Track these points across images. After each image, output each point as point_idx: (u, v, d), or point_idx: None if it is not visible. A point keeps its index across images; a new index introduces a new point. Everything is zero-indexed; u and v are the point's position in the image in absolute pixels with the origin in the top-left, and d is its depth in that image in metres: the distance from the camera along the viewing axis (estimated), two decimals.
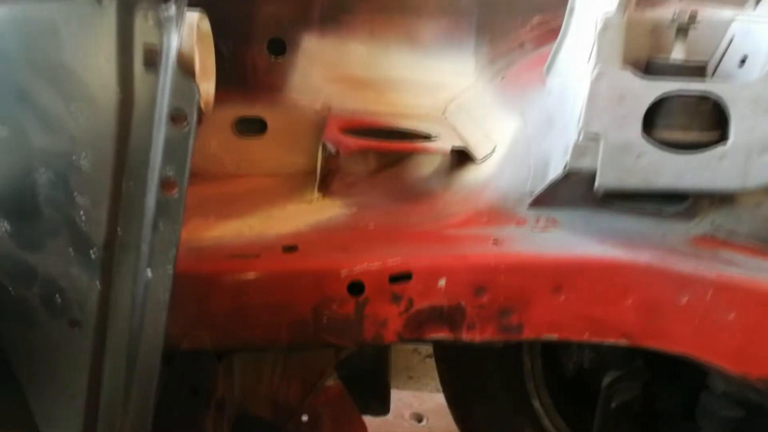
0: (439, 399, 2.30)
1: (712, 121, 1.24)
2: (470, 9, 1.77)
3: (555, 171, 1.32)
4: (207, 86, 1.20)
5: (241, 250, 1.34)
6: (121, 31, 0.89)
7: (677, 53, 1.25)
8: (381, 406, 1.77)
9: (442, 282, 1.27)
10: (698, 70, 1.26)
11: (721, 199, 1.35)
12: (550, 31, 1.73)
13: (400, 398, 2.73)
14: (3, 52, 0.91)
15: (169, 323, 1.01)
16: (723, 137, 1.23)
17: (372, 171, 1.78)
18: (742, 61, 1.27)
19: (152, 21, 0.91)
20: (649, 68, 1.28)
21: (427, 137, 1.72)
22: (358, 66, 1.83)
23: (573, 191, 1.34)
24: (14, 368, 1.04)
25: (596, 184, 1.25)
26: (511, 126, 1.55)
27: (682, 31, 1.24)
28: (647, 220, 1.38)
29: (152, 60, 0.92)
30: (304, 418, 1.49)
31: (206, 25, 1.19)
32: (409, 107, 1.83)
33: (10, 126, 0.92)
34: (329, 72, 1.83)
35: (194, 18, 1.07)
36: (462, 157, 1.60)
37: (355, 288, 1.26)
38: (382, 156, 1.74)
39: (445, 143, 1.59)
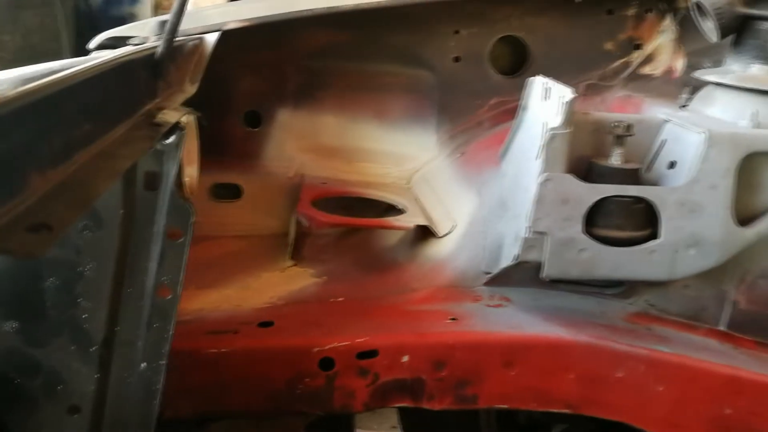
0: None
1: (644, 220, 1.40)
2: (433, 89, 1.93)
3: (507, 258, 1.47)
4: (191, 170, 1.32)
5: (219, 325, 1.45)
6: None
7: (615, 159, 1.41)
8: None
9: (405, 358, 1.40)
10: (633, 173, 1.43)
11: (655, 282, 1.51)
12: (506, 111, 1.90)
13: None
14: None
15: None
16: (654, 235, 1.40)
17: (341, 235, 1.92)
18: (672, 165, 1.44)
19: (154, 151, 1.02)
20: (591, 169, 1.44)
21: (392, 207, 1.86)
22: (329, 137, 1.97)
23: (523, 275, 1.49)
24: None
25: (543, 273, 1.41)
26: (469, 205, 1.70)
27: (619, 138, 1.41)
28: (589, 299, 1.54)
29: (152, 184, 1.03)
30: None
31: (191, 119, 1.31)
32: (377, 176, 1.97)
33: None
34: (302, 142, 1.96)
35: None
36: (425, 230, 1.74)
37: (326, 363, 1.39)
38: None
39: (409, 219, 1.73)
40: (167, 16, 1.20)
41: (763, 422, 1.43)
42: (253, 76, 1.88)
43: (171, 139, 1.04)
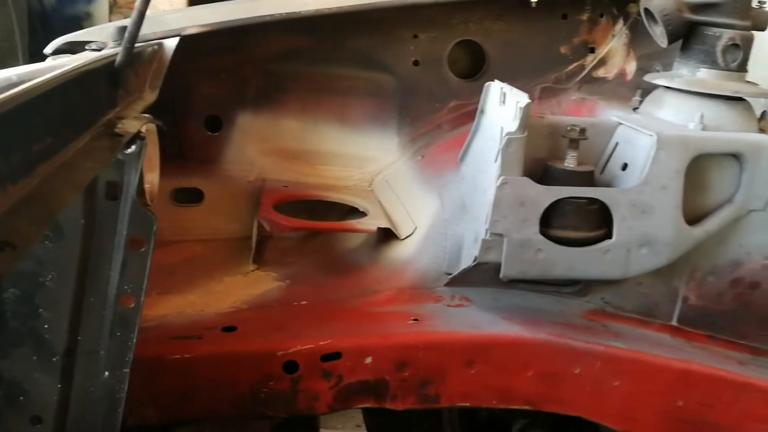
0: None
1: (598, 220, 1.44)
2: (393, 92, 1.95)
3: (467, 260, 1.50)
4: (151, 177, 1.32)
5: (183, 331, 1.45)
6: None
7: (569, 161, 1.45)
8: None
9: (368, 360, 1.42)
10: (587, 175, 1.47)
11: (609, 280, 1.56)
12: (465, 114, 1.93)
13: None
14: None
15: None
16: (608, 235, 1.45)
17: (303, 238, 1.93)
18: (624, 166, 1.49)
19: (115, 161, 1.03)
20: (546, 172, 1.48)
21: (354, 210, 1.88)
22: (291, 140, 1.98)
23: (482, 275, 1.52)
24: None
25: (501, 274, 1.44)
26: (430, 207, 1.72)
27: (574, 142, 1.45)
28: (547, 297, 1.58)
29: (113, 193, 1.04)
30: None
31: (152, 125, 1.31)
32: (339, 179, 1.99)
33: None
34: (263, 145, 1.96)
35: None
36: (387, 232, 1.76)
37: (290, 367, 1.40)
38: None
39: (371, 222, 1.75)
40: (126, 22, 1.19)
41: (713, 413, 1.49)
42: (213, 80, 1.88)
43: (132, 149, 1.04)
